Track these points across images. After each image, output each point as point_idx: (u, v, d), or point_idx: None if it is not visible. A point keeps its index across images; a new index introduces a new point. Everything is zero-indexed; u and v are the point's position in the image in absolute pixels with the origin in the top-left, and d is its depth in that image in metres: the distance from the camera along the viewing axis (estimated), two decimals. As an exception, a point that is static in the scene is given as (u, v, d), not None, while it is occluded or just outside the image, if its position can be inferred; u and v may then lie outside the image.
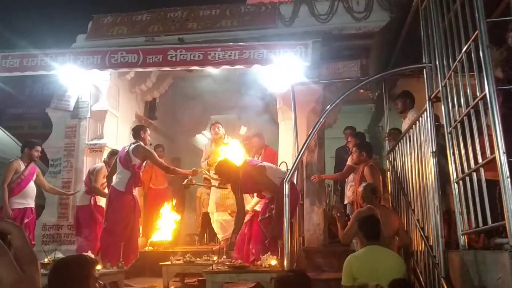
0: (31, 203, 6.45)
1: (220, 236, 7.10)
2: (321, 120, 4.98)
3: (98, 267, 5.00)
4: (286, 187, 4.69)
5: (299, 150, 5.32)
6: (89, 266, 2.30)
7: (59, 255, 5.44)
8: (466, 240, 3.55)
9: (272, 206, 5.10)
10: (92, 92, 7.35)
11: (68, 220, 6.92)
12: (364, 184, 5.16)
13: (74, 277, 2.19)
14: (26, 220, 6.30)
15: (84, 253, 3.81)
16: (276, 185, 5.08)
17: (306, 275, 2.84)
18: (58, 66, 6.47)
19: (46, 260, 5.25)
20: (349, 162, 6.35)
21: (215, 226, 7.17)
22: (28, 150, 6.48)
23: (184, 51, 6.26)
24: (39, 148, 6.63)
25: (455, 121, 3.60)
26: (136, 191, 6.08)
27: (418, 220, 4.66)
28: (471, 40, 3.15)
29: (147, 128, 6.46)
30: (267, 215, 5.18)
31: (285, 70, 6.23)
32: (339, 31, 6.94)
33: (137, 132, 6.18)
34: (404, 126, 5.78)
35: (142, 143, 6.04)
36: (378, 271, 3.64)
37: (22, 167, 6.39)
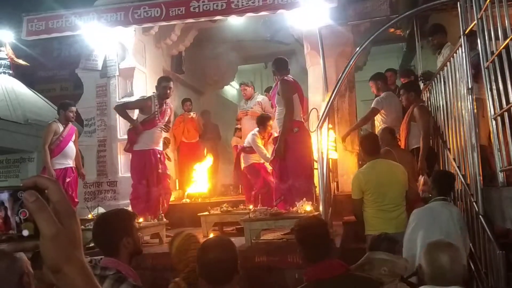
0: (71, 163, 6.68)
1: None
2: (350, 63, 4.86)
3: (140, 219, 5.21)
4: (319, 133, 4.67)
5: (330, 95, 5.23)
6: (129, 219, 2.40)
7: (102, 210, 5.68)
8: (504, 177, 3.48)
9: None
10: (119, 50, 7.35)
11: (107, 177, 7.13)
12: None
13: (116, 229, 2.29)
14: (68, 179, 6.55)
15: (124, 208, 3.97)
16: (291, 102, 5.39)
17: (324, 221, 2.92)
18: (83, 25, 6.46)
19: (90, 216, 5.49)
20: (374, 104, 6.16)
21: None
22: (63, 111, 6.65)
23: (207, 1, 6.11)
24: (73, 108, 6.78)
25: (492, 54, 3.43)
26: (157, 146, 6.14)
27: (454, 159, 4.58)
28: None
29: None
30: (273, 155, 5.48)
31: (311, 14, 6.02)
32: (365, -33, 6.61)
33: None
34: (439, 63, 5.58)
35: None
36: (382, 183, 4.09)
37: (61, 128, 6.58)
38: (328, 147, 5.27)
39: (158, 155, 6.07)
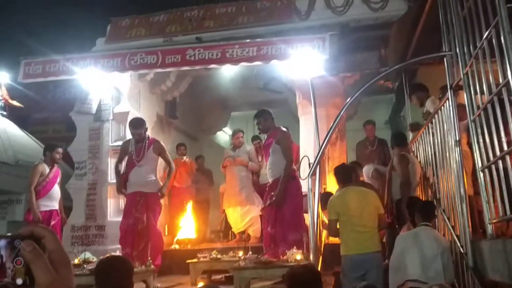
0: (56, 205, 6.59)
1: (235, 229, 7.56)
2: (341, 113, 4.96)
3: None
4: (310, 181, 4.70)
5: (321, 144, 5.30)
6: (130, 264, 2.44)
7: (89, 255, 5.57)
8: (493, 229, 3.50)
9: (273, 193, 5.33)
10: (114, 94, 7.46)
11: (96, 221, 7.05)
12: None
13: (120, 275, 2.32)
14: (52, 222, 6.44)
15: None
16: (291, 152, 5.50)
17: (317, 270, 3.00)
18: (79, 70, 6.58)
19: (76, 261, 5.38)
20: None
21: (230, 221, 7.67)
22: (50, 153, 6.62)
23: (202, 50, 6.29)
24: (60, 150, 6.76)
25: (478, 109, 3.54)
26: (144, 188, 5.89)
27: (444, 210, 4.61)
28: (491, 26, 3.09)
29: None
30: (268, 202, 5.43)
31: (303, 65, 6.21)
32: (356, 22, 6.88)
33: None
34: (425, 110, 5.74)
35: None
36: (355, 206, 4.53)
37: (47, 170, 6.54)
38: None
39: (148, 198, 5.84)
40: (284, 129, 5.73)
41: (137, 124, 6.00)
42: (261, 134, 6.65)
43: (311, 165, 5.09)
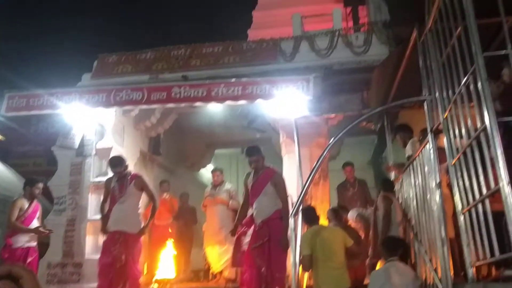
0: (34, 242, 6.42)
1: (214, 269, 7.50)
2: (324, 153, 5.01)
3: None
4: (292, 222, 4.69)
5: (304, 183, 5.32)
6: None
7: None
8: (474, 272, 3.51)
9: (264, 233, 5.19)
10: (97, 129, 7.44)
11: (73, 258, 6.87)
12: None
13: None
14: (29, 259, 6.25)
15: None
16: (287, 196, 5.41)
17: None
18: (63, 105, 6.58)
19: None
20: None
21: (210, 261, 7.62)
22: (29, 188, 6.51)
23: (188, 88, 6.37)
24: (40, 185, 6.65)
25: (458, 152, 3.61)
26: (125, 226, 5.75)
27: (426, 251, 4.61)
28: (469, 73, 3.20)
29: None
30: (259, 243, 5.19)
31: (287, 105, 6.31)
32: (339, 65, 7.06)
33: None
34: (407, 154, 5.83)
35: None
36: (325, 244, 4.83)
37: (26, 205, 6.42)
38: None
39: (128, 238, 5.70)
40: (275, 168, 5.69)
41: (116, 163, 5.95)
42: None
43: (294, 205, 5.09)
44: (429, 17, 4.18)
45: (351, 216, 6.38)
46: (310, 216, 5.23)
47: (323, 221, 6.06)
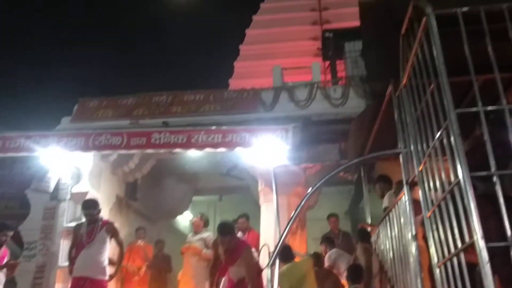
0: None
1: None
2: (302, 203, 5.02)
3: None
4: (269, 272, 4.62)
5: (281, 232, 5.30)
6: None
7: None
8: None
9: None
10: (74, 173, 7.34)
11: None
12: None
13: None
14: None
15: None
16: (255, 272, 5.20)
17: None
18: (41, 148, 6.50)
19: None
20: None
21: None
22: None
23: (168, 134, 6.40)
24: (9, 233, 6.30)
25: (433, 205, 3.67)
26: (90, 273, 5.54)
27: (402, 305, 4.58)
28: (442, 129, 3.31)
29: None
30: None
31: (266, 153, 6.37)
32: (318, 116, 7.23)
33: None
34: (384, 205, 5.89)
35: None
36: (301, 278, 5.13)
37: (-8, 251, 6.14)
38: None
39: (94, 285, 5.46)
40: (244, 246, 5.52)
41: (89, 205, 5.84)
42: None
43: (271, 254, 5.03)
44: (403, 74, 4.35)
45: (328, 256, 6.35)
46: (285, 254, 5.31)
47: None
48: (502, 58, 3.03)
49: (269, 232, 6.76)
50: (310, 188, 5.18)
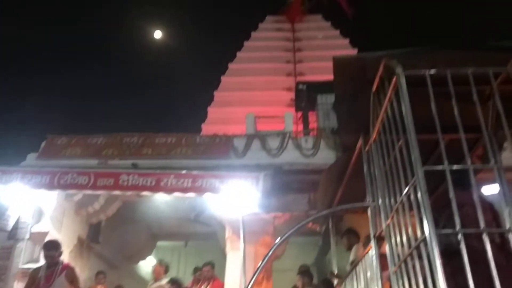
0: None
1: None
2: (269, 254, 4.95)
3: None
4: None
5: (247, 283, 5.18)
6: None
7: None
8: None
9: None
10: (35, 212, 7.07)
11: None
12: None
13: None
14: None
15: None
16: None
17: None
18: (2, 184, 6.28)
19: None
20: None
21: None
22: None
23: (137, 176, 6.31)
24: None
25: (399, 260, 3.68)
26: None
27: None
28: (410, 185, 3.37)
29: None
30: None
31: (236, 200, 6.32)
32: (289, 166, 7.28)
33: None
34: (351, 258, 5.88)
35: None
36: None
37: None
38: None
39: None
40: None
41: (51, 246, 5.60)
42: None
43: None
44: (373, 129, 4.46)
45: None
46: None
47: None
48: (467, 119, 3.14)
49: (234, 282, 6.61)
50: (279, 238, 5.14)
